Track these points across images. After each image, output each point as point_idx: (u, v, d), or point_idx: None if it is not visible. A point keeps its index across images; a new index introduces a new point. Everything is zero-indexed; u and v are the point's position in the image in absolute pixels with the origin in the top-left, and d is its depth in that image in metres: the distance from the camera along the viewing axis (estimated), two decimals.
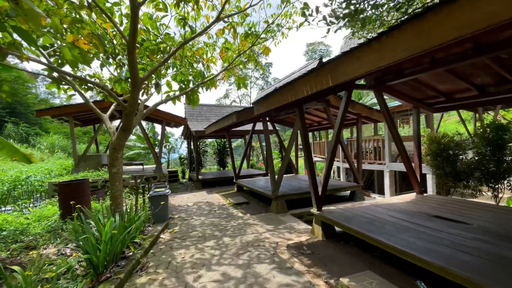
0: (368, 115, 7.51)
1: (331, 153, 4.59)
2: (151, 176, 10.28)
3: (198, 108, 13.13)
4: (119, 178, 4.20)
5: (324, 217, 4.34)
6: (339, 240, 4.30)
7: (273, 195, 6.26)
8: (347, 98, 4.62)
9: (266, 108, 4.27)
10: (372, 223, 3.84)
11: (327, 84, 2.91)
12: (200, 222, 5.71)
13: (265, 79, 31.31)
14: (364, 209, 4.68)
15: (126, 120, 4.11)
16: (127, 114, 4.08)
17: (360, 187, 7.43)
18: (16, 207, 6.84)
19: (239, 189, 9.65)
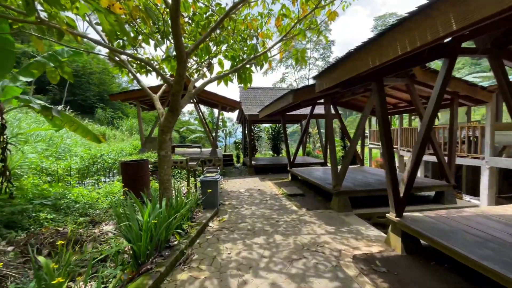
0: (469, 94, 5.66)
1: (420, 144, 3.42)
2: (206, 159, 10.43)
3: (253, 91, 12.66)
4: (168, 161, 3.99)
5: (408, 227, 3.30)
6: (426, 258, 3.22)
7: (334, 190, 5.35)
8: (448, 69, 3.29)
9: (331, 82, 3.33)
10: (485, 245, 2.66)
11: (447, 29, 1.81)
12: (250, 212, 5.27)
13: (326, 59, 28.80)
14: (466, 220, 3.41)
15: (173, 100, 3.79)
16: (174, 93, 3.74)
17: (452, 187, 5.81)
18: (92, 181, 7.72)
19: (293, 178, 8.94)
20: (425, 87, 5.77)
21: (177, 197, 4.09)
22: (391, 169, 3.56)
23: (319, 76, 3.82)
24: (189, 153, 11.92)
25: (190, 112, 32.34)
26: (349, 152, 5.39)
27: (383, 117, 3.51)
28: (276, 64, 29.99)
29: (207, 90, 10.40)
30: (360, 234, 4.10)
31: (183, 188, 6.89)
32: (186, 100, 4.15)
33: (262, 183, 8.54)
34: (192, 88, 4.30)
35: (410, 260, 3.23)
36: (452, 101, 6.01)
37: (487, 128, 7.84)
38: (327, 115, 5.39)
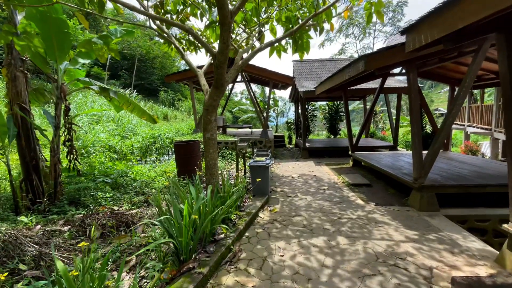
0: None
1: None
2: (257, 140, 10.01)
3: (308, 64, 11.39)
4: (214, 144, 3.56)
5: None
6: None
7: (416, 184, 4.21)
8: None
9: (440, 32, 2.19)
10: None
11: None
12: (305, 204, 4.61)
13: (395, 24, 24.40)
14: None
15: (217, 73, 3.24)
16: (218, 65, 3.17)
17: None
18: (152, 160, 8.13)
19: (356, 164, 7.80)
20: None
21: (224, 184, 3.68)
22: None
23: (416, 26, 2.58)
24: (240, 133, 11.69)
25: (242, 92, 32.41)
26: (442, 136, 4.10)
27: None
28: (335, 34, 26.99)
29: (257, 66, 9.71)
30: (456, 245, 3.04)
31: (233, 171, 6.60)
32: (233, 74, 3.56)
33: (317, 168, 7.70)
34: (239, 59, 3.68)
35: None
36: None
37: None
38: (412, 86, 4.13)
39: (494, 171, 4.95)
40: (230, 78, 3.55)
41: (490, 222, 3.90)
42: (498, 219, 3.90)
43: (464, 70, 6.81)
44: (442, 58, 5.72)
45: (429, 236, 3.30)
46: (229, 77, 3.55)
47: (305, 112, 10.12)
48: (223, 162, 7.69)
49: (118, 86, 22.31)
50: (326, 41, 28.14)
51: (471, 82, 3.92)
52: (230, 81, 3.55)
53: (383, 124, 18.76)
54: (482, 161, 6.08)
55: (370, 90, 9.22)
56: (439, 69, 7.09)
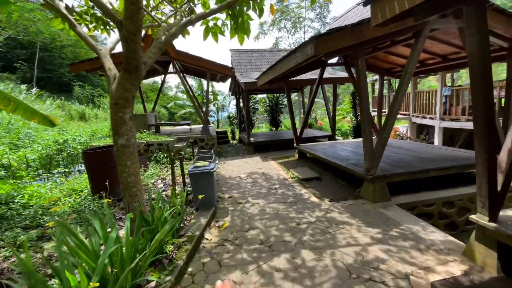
0: None
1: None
2: (197, 138, 8.96)
3: (247, 55, 10.79)
4: (132, 153, 2.53)
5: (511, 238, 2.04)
6: None
7: (369, 175, 4.05)
8: None
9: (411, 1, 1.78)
10: None
11: None
12: (259, 210, 3.98)
13: (322, 20, 26.09)
14: None
15: (128, 49, 2.23)
16: (127, 37, 2.17)
17: None
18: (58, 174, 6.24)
19: (301, 156, 7.64)
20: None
21: (153, 208, 2.70)
22: (490, 150, 2.20)
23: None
24: (177, 131, 10.37)
25: (177, 85, 29.98)
26: (389, 124, 4.00)
27: (483, 65, 2.06)
28: (268, 27, 27.20)
29: (191, 54, 8.57)
30: (420, 240, 2.88)
31: (170, 178, 5.50)
32: (154, 53, 2.57)
33: (265, 164, 7.22)
34: (162, 35, 2.70)
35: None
36: (511, 51, 4.56)
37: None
38: (360, 73, 3.88)
39: (429, 154, 5.29)
40: (149, 58, 2.55)
41: (435, 206, 4.02)
42: (442, 202, 4.05)
43: (392, 60, 7.26)
44: (375, 47, 5.84)
45: (392, 233, 3.08)
46: (148, 57, 2.54)
47: (247, 105, 9.53)
48: (157, 169, 6.45)
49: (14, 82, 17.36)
50: (261, 34, 28.22)
51: (413, 68, 3.89)
52: (151, 62, 2.55)
53: (315, 115, 19.87)
54: (414, 145, 6.60)
55: (309, 81, 9.23)
56: (371, 59, 7.40)
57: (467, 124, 8.26)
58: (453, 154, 5.14)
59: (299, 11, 26.28)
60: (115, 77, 2.52)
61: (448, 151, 5.46)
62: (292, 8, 26.54)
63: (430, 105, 10.13)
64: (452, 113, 9.02)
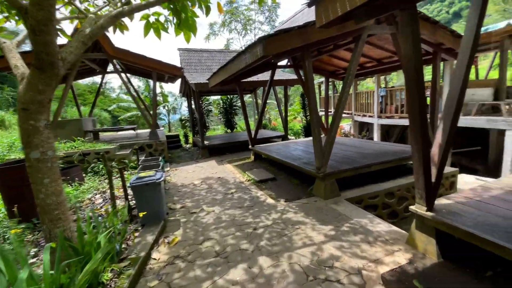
0: (452, 47, 4.95)
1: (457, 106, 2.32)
2: (145, 144, 8.23)
3: (197, 55, 10.37)
4: (51, 169, 2.07)
5: (447, 225, 2.28)
6: (471, 264, 2.29)
7: (320, 173, 4.18)
8: None
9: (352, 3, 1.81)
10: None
11: None
12: (214, 219, 3.76)
13: (271, 23, 26.90)
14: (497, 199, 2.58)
15: (37, 42, 1.80)
16: (35, 28, 1.75)
17: None
18: None
19: (257, 157, 7.63)
20: None
21: (82, 232, 2.26)
22: (424, 146, 2.42)
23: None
24: (121, 137, 9.39)
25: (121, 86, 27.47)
26: (336, 123, 4.20)
27: (417, 67, 2.25)
28: (219, 28, 26.86)
29: (133, 52, 7.82)
30: (369, 233, 3.04)
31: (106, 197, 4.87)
32: (76, 47, 2.15)
33: (221, 168, 6.99)
34: (87, 26, 2.28)
35: (456, 270, 2.27)
36: (435, 55, 5.26)
37: (446, 87, 7.68)
38: (308, 74, 3.98)
39: (370, 149, 5.75)
40: (70, 54, 2.12)
41: (379, 198, 4.36)
42: (384, 194, 4.41)
43: (335, 63, 7.75)
44: (320, 51, 6.15)
45: (343, 228, 3.20)
46: (68, 52, 2.11)
47: (200, 107, 9.13)
48: (96, 181, 5.67)
49: None
50: (212, 35, 27.69)
51: (355, 70, 4.15)
52: (72, 58, 2.13)
53: (269, 116, 20.33)
54: (357, 142, 7.14)
55: (261, 83, 9.30)
56: (316, 61, 7.79)
57: (400, 121, 9.34)
58: (390, 149, 5.69)
59: (249, 14, 26.60)
60: (23, 77, 2.03)
61: (386, 146, 6.04)
62: (241, 10, 26.69)
63: (369, 104, 11.21)
64: (387, 112, 10.11)
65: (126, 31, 4.06)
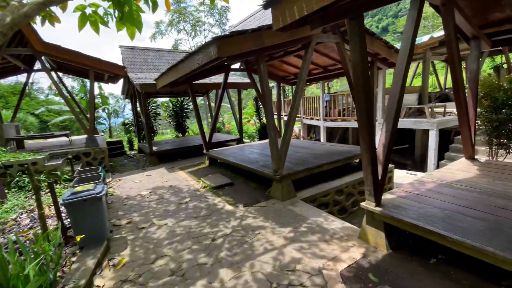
0: (386, 57, 5.61)
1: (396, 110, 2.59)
2: (81, 152, 7.19)
3: (143, 53, 9.57)
4: None
5: (394, 219, 2.52)
6: (416, 253, 2.58)
7: (277, 175, 4.22)
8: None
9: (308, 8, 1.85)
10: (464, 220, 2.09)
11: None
12: (167, 233, 3.44)
13: (222, 26, 26.76)
14: (437, 194, 2.99)
15: None
16: None
17: None
18: None
19: (212, 162, 7.38)
20: None
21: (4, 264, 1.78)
22: (371, 147, 2.62)
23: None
24: (51, 145, 8.04)
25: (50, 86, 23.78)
26: (290, 126, 4.31)
27: (363, 73, 2.42)
28: (166, 27, 25.51)
29: (65, 48, 6.79)
30: (325, 232, 3.17)
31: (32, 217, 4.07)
32: None
33: (172, 176, 6.53)
34: (9, 14, 1.80)
35: (402, 261, 2.51)
36: (372, 63, 5.87)
37: (379, 93, 8.70)
38: (264, 78, 3.99)
39: (320, 150, 6.09)
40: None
41: (330, 195, 4.62)
42: (334, 191, 4.69)
43: (286, 69, 8.06)
44: (272, 56, 6.31)
45: (301, 229, 3.27)
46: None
47: (146, 110, 8.42)
48: (21, 198, 4.69)
49: None
50: (158, 34, 26.12)
51: (306, 76, 4.34)
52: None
53: (223, 119, 20.13)
54: (307, 143, 7.52)
55: (214, 85, 9.09)
56: (268, 67, 7.97)
57: (342, 123, 10.21)
58: (338, 149, 6.13)
59: (198, 15, 25.97)
60: None
61: (334, 147, 6.49)
62: (190, 10, 25.90)
63: (315, 108, 12.00)
64: (331, 115, 10.96)
65: (57, 23, 3.49)
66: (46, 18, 3.41)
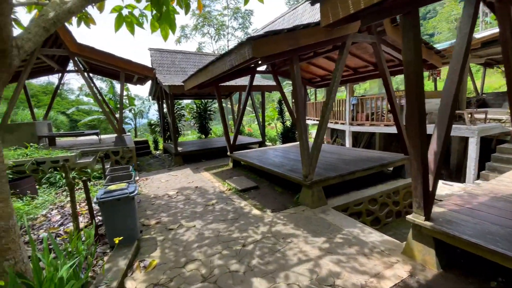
0: (426, 58, 5.24)
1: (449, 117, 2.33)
2: (110, 151, 7.44)
3: (170, 56, 9.80)
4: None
5: (447, 235, 2.24)
6: (471, 274, 2.28)
7: (307, 181, 4.04)
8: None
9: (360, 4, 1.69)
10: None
11: None
12: (196, 235, 3.37)
13: (244, 30, 26.98)
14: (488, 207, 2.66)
15: None
16: None
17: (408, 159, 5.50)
18: None
19: (236, 164, 7.32)
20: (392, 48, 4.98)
21: (37, 266, 1.77)
22: (423, 154, 2.38)
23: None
24: (81, 143, 8.42)
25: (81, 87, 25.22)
26: (323, 129, 4.12)
27: (417, 73, 2.20)
28: (191, 31, 26.18)
29: (99, 50, 7.09)
30: (363, 244, 2.93)
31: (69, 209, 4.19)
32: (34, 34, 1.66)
33: (197, 177, 6.54)
34: (50, 12, 1.83)
35: (459, 282, 2.23)
36: None
37: None
38: (296, 78, 3.85)
39: (349, 156, 5.81)
40: (28, 41, 1.66)
41: (363, 204, 4.35)
42: (367, 200, 4.41)
43: (313, 71, 7.85)
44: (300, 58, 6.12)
45: (336, 240, 3.05)
46: (25, 38, 1.65)
47: (173, 111, 8.57)
48: (52, 194, 4.88)
49: None
50: (183, 37, 26.90)
51: (340, 77, 4.13)
52: (29, 47, 1.67)
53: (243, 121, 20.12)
54: (334, 148, 7.23)
55: (239, 87, 9.08)
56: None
57: (371, 128, 9.76)
58: (369, 155, 5.81)
59: (222, 19, 26.40)
60: None
61: (364, 153, 6.16)
62: (214, 15, 26.41)
63: (340, 112, 11.60)
64: (358, 119, 10.53)
65: (92, 25, 3.59)
66: (82, 20, 3.52)
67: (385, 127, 9.12)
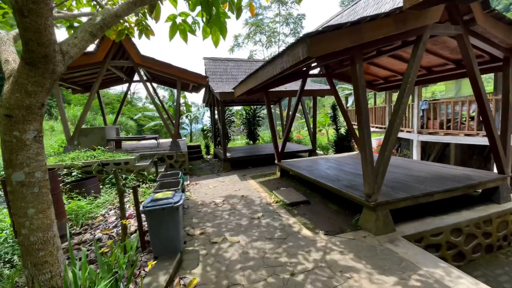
0: None
1: None
2: (165, 155, 7.86)
3: (222, 64, 10.07)
4: (36, 197, 1.56)
5: None
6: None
7: (371, 202, 3.39)
8: None
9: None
10: None
11: None
12: (240, 253, 3.09)
13: (296, 35, 26.59)
14: None
15: (26, 26, 1.32)
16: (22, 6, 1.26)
17: (508, 179, 4.28)
18: None
19: (283, 173, 6.92)
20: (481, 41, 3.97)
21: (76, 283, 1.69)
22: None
23: None
24: (142, 147, 9.16)
25: (147, 96, 28.30)
26: (391, 140, 3.43)
27: None
28: (243, 40, 27.04)
29: (159, 60, 7.62)
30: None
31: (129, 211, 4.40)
32: (80, 39, 1.66)
33: (244, 185, 6.36)
34: (99, 15, 1.81)
35: None
36: (507, 61, 4.35)
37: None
38: (359, 80, 3.31)
39: (422, 171, 4.85)
40: (74, 46, 1.65)
41: (443, 235, 3.47)
42: (449, 230, 3.51)
43: (373, 72, 6.98)
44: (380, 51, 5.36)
45: (412, 283, 2.39)
46: (71, 44, 1.64)
47: (223, 117, 8.69)
48: (112, 194, 5.27)
49: None
50: (236, 47, 27.98)
51: (414, 77, 3.41)
52: (75, 52, 1.65)
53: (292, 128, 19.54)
54: (401, 161, 6.20)
55: (288, 93, 8.71)
56: (347, 72, 7.06)
57: (446, 137, 8.23)
58: (448, 172, 4.74)
59: (274, 26, 26.57)
60: (11, 74, 1.57)
61: (442, 169, 5.07)
62: (266, 22, 26.77)
63: (407, 118, 10.15)
64: (429, 127, 9.01)
65: (152, 36, 3.72)
66: (143, 32, 3.66)
67: (466, 137, 7.55)
